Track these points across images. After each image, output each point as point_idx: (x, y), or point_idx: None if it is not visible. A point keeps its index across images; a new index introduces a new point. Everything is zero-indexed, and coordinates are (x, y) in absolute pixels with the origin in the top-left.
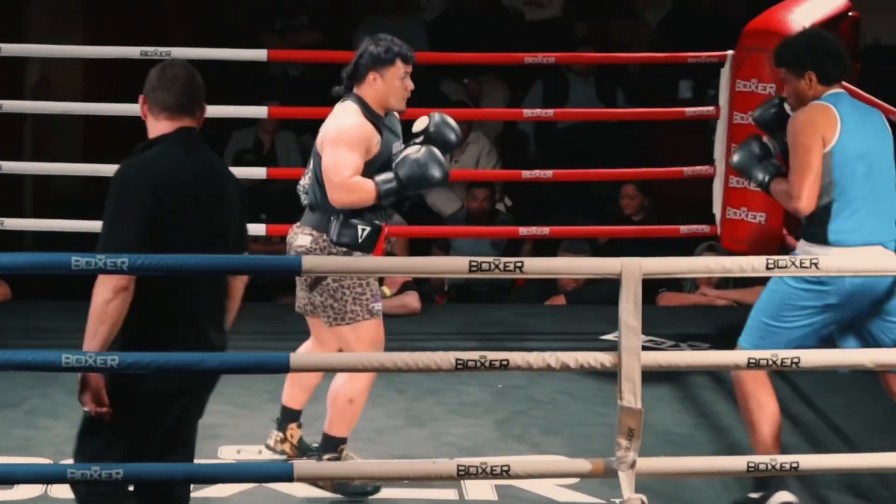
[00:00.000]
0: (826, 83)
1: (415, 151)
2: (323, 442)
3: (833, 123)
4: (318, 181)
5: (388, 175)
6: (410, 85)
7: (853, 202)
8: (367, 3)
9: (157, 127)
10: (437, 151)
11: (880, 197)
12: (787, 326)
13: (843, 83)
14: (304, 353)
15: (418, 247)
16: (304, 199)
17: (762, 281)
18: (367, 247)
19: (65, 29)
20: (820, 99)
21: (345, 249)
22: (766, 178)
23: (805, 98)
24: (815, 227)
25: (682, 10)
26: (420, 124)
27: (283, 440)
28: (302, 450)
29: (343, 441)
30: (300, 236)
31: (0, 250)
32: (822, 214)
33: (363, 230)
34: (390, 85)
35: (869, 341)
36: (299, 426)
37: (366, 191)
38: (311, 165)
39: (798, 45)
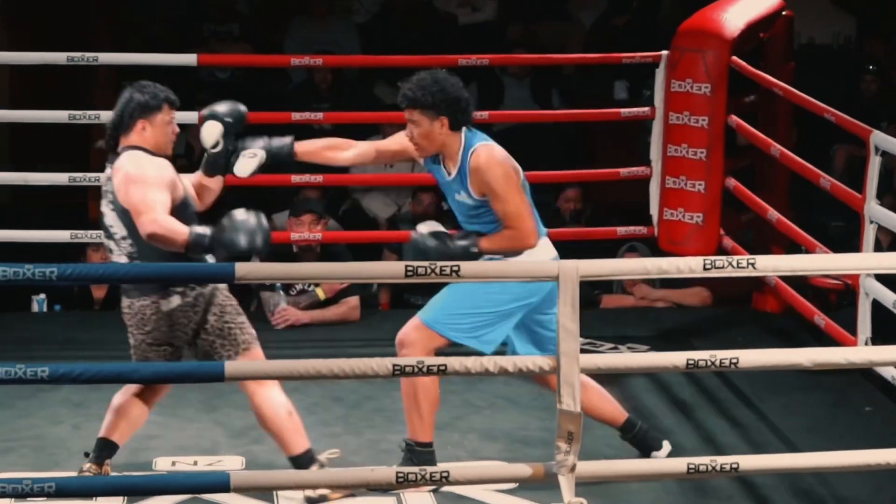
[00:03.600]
0: (456, 129)
1: (241, 214)
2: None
3: (507, 158)
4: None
5: (206, 229)
6: (177, 129)
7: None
8: (298, 6)
9: None
10: (262, 219)
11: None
12: (487, 311)
13: None
14: (239, 361)
15: (368, 251)
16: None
17: (699, 282)
18: None
19: None
20: (476, 141)
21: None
22: (474, 248)
23: (435, 140)
24: None
25: (617, 11)
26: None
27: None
28: None
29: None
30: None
31: None
32: None
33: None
34: (160, 131)
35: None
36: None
37: (179, 232)
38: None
39: (433, 89)
